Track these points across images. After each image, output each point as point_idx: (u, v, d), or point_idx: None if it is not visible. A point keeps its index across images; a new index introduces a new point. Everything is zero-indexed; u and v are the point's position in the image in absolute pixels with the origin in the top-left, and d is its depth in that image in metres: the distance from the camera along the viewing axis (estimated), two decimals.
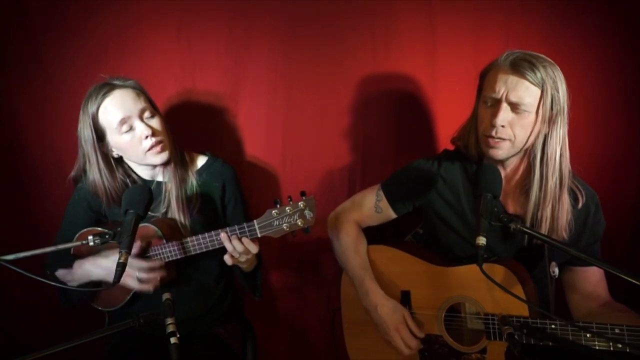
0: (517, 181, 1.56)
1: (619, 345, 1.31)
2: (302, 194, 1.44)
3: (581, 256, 1.28)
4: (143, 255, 1.57)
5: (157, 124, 1.60)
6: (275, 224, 1.45)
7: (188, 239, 1.56)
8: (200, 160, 1.76)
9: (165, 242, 1.57)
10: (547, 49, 1.49)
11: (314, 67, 1.94)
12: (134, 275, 1.52)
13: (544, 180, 1.46)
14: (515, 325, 1.35)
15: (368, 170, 2.00)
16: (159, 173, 1.70)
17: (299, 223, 1.44)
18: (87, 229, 1.66)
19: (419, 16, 1.88)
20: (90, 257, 1.59)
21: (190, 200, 1.68)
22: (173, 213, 1.65)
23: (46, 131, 1.95)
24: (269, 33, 1.91)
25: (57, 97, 1.92)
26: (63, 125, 1.92)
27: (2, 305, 2.05)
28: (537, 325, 1.41)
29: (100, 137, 1.59)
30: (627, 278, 1.15)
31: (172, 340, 1.17)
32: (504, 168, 1.55)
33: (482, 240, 1.24)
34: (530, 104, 1.40)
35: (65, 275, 1.60)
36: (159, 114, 1.64)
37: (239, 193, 1.80)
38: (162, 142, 1.59)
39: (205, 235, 1.53)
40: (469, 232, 1.59)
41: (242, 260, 1.55)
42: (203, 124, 1.98)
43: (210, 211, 1.73)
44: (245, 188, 1.86)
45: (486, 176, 1.37)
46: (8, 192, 1.99)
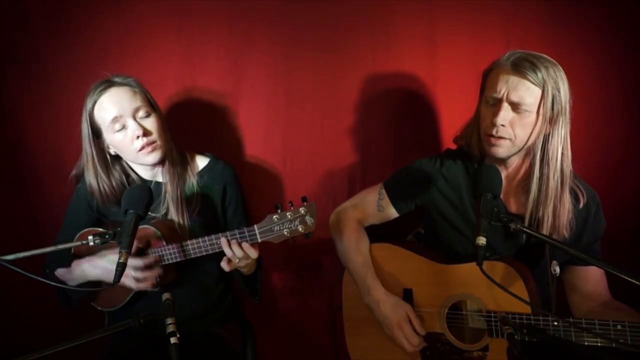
0: (519, 180, 1.56)
1: (621, 341, 1.31)
2: (304, 199, 1.43)
3: (581, 256, 1.28)
4: (140, 255, 1.56)
5: (152, 124, 1.58)
6: (275, 229, 1.45)
7: (188, 242, 1.55)
8: (202, 162, 1.75)
9: (165, 244, 1.57)
10: (547, 48, 1.49)
11: (314, 68, 1.93)
12: (130, 275, 1.52)
13: (544, 180, 1.47)
14: (515, 325, 1.35)
15: (368, 170, 2.00)
16: (158, 173, 1.69)
17: (300, 229, 1.43)
18: (88, 229, 1.66)
19: (419, 16, 1.88)
20: (88, 257, 1.59)
21: (191, 201, 1.68)
22: (172, 214, 1.65)
23: (46, 131, 1.95)
24: (269, 33, 1.91)
25: (57, 97, 1.92)
26: (63, 125, 1.92)
27: (2, 305, 2.05)
28: (538, 324, 1.40)
29: (96, 134, 1.58)
30: (627, 278, 1.15)
31: (172, 340, 1.17)
32: (505, 167, 1.55)
33: (482, 240, 1.24)
34: (531, 103, 1.41)
35: (64, 275, 1.60)
36: (158, 114, 1.62)
37: (240, 194, 1.79)
38: (154, 143, 1.57)
39: (205, 238, 1.52)
40: (470, 231, 1.59)
41: (242, 265, 1.54)
42: (203, 124, 1.98)
43: (211, 213, 1.72)
44: (245, 188, 1.86)
45: (486, 176, 1.37)
46: (8, 192, 1.99)
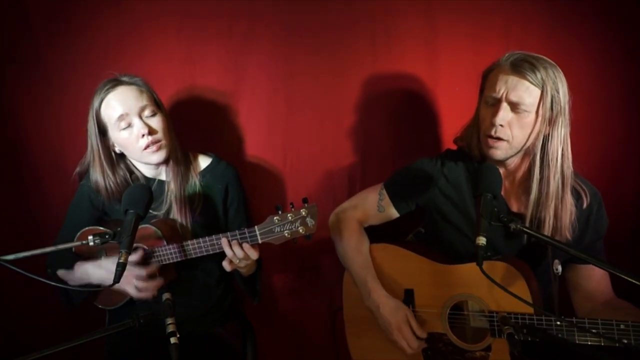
0: (519, 180, 1.56)
1: (624, 341, 1.31)
2: (305, 200, 1.43)
3: (581, 256, 1.27)
4: (144, 263, 1.56)
5: (157, 123, 1.59)
6: (276, 230, 1.45)
7: (189, 242, 1.55)
8: (205, 162, 1.76)
9: (165, 244, 1.57)
10: (547, 49, 1.50)
11: (314, 68, 1.94)
12: (132, 283, 1.52)
13: (544, 182, 1.47)
14: (515, 325, 1.35)
15: (368, 170, 2.00)
16: (161, 172, 1.69)
17: (301, 230, 1.43)
18: (88, 228, 1.66)
19: (419, 17, 1.88)
20: (92, 259, 1.59)
21: (192, 201, 1.68)
22: (174, 213, 1.65)
23: (46, 131, 1.95)
24: (269, 33, 1.91)
25: (57, 97, 1.92)
26: (63, 125, 1.92)
27: (2, 305, 2.05)
28: (540, 324, 1.40)
29: (102, 132, 1.60)
30: (627, 278, 1.15)
31: (172, 340, 1.17)
32: (505, 167, 1.55)
33: (482, 241, 1.24)
34: (530, 103, 1.41)
35: (66, 275, 1.60)
36: (163, 113, 1.63)
37: (242, 195, 1.80)
38: (159, 142, 1.58)
39: (206, 239, 1.52)
40: (472, 230, 1.59)
41: (242, 265, 1.54)
42: (203, 124, 1.98)
43: (212, 213, 1.73)
44: (246, 188, 1.86)
45: (486, 176, 1.37)
46: (8, 192, 1.99)
